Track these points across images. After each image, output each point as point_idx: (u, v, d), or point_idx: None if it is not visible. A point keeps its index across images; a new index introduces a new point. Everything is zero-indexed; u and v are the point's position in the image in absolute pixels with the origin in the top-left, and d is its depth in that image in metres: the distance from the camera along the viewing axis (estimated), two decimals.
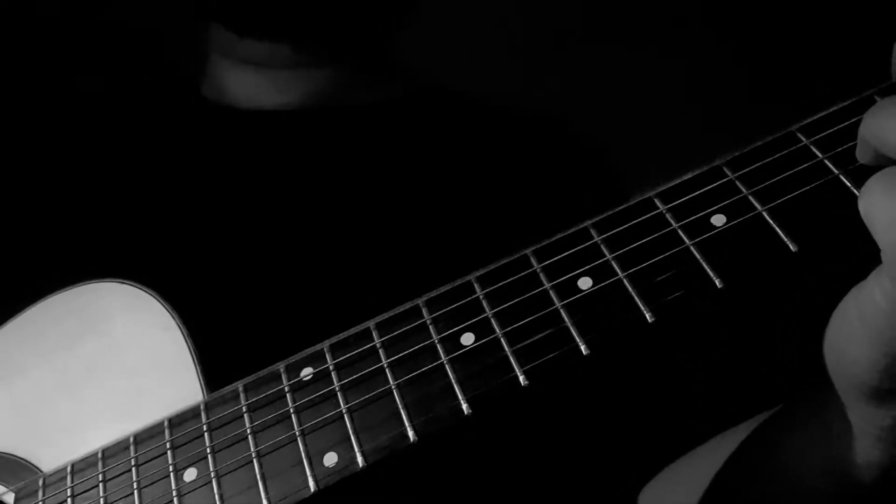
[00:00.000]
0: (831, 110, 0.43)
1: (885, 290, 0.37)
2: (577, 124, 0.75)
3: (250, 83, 0.72)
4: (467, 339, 0.44)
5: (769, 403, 0.56)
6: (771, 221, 0.41)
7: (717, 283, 0.41)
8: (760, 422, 0.57)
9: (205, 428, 0.47)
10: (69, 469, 0.50)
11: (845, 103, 0.43)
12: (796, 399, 0.53)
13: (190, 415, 0.48)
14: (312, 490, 0.43)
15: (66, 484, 0.49)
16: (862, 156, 0.39)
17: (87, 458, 0.50)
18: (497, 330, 0.43)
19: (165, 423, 0.48)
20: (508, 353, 0.42)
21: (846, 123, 0.42)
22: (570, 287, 0.43)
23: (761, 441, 0.56)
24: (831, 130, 0.42)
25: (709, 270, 0.41)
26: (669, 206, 0.43)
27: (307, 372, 0.46)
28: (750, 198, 0.42)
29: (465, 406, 0.42)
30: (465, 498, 0.58)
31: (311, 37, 0.70)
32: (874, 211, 0.36)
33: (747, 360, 0.54)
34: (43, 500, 0.49)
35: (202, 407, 0.48)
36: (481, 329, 0.44)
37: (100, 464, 0.49)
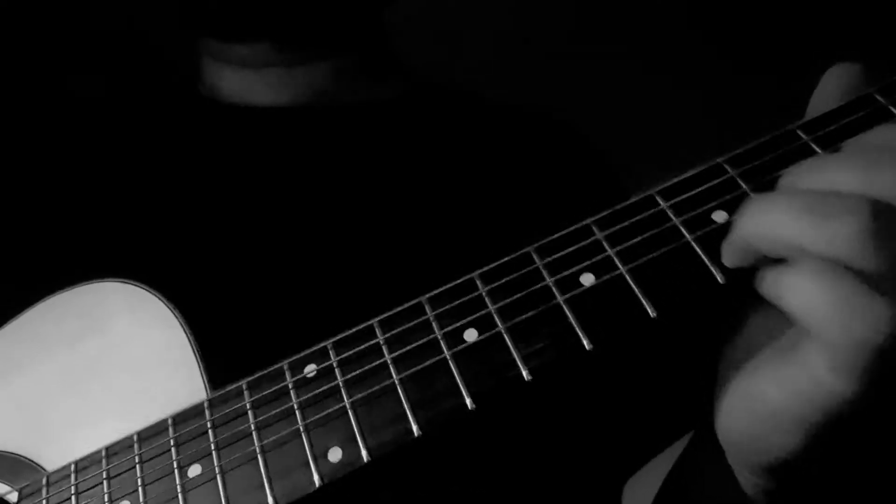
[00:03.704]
0: (834, 108, 0.43)
1: (817, 379, 0.36)
2: (578, 123, 0.75)
3: (243, 83, 0.72)
4: (470, 334, 0.44)
5: None
6: None
7: (719, 278, 0.41)
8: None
9: (209, 425, 0.47)
10: (73, 467, 0.50)
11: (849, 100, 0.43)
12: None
13: (193, 412, 0.48)
14: (317, 485, 0.43)
15: (69, 482, 0.49)
16: (736, 260, 0.39)
17: (90, 456, 0.50)
18: (500, 325, 0.43)
19: (169, 421, 0.48)
20: (511, 349, 0.43)
21: (846, 121, 0.42)
22: (573, 283, 0.43)
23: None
24: (831, 128, 0.43)
25: (710, 265, 0.41)
26: (670, 202, 0.43)
27: (311, 368, 0.46)
28: (750, 193, 0.42)
29: (468, 401, 0.42)
30: (468, 491, 0.58)
31: (294, 36, 0.70)
32: (805, 300, 0.35)
33: None
34: (47, 499, 0.49)
35: (206, 404, 0.48)
36: (484, 325, 0.44)
37: (104, 461, 0.49)
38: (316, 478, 0.43)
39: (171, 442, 0.47)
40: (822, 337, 0.35)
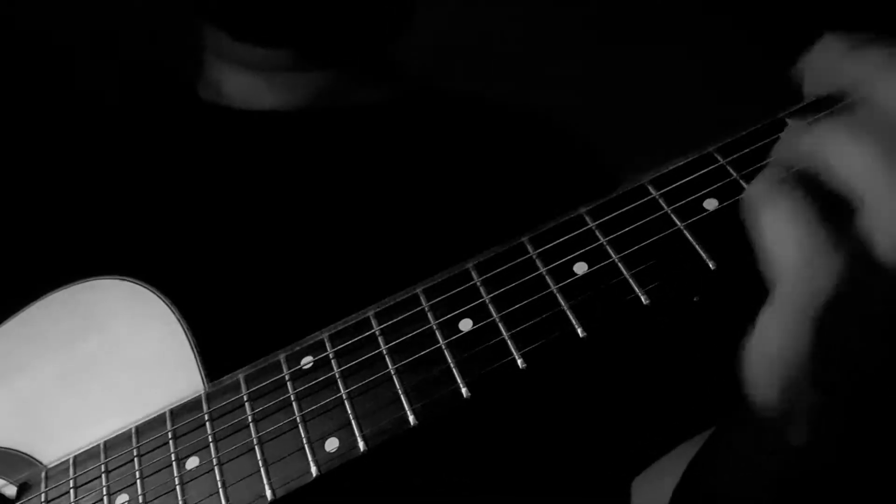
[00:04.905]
0: (820, 97, 0.44)
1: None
2: (570, 118, 0.75)
3: (245, 84, 0.73)
4: (465, 324, 0.44)
5: None
6: None
7: (710, 265, 0.41)
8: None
9: (206, 417, 0.47)
10: (71, 461, 0.50)
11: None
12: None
13: (191, 405, 0.49)
14: (314, 475, 0.44)
15: (68, 475, 0.49)
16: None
17: (88, 449, 0.50)
18: (494, 314, 0.44)
19: (167, 414, 0.49)
20: (506, 337, 0.43)
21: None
22: (566, 272, 0.44)
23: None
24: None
25: (701, 252, 0.41)
26: (662, 191, 0.44)
27: (307, 360, 0.47)
28: (741, 181, 0.42)
29: (464, 390, 0.43)
30: (465, 481, 0.59)
31: (308, 43, 0.71)
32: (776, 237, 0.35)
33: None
34: (46, 493, 0.49)
35: (203, 397, 0.49)
36: (479, 314, 0.44)
37: (102, 455, 0.49)
38: (313, 468, 0.44)
39: (169, 434, 0.48)
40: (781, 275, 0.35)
